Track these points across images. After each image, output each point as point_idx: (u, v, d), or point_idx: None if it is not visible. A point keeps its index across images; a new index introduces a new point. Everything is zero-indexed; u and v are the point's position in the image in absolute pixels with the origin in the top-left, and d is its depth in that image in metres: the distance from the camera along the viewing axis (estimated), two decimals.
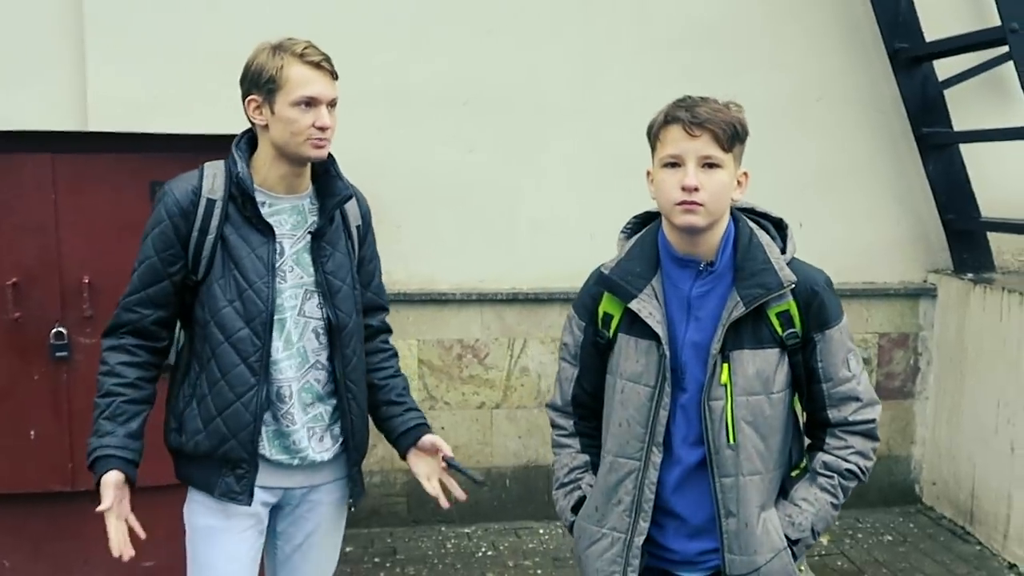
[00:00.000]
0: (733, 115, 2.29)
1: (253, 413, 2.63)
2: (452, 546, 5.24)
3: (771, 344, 2.35)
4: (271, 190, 2.68)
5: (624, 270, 2.41)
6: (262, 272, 2.62)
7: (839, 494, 2.42)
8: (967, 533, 5.38)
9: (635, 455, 2.41)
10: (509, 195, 5.38)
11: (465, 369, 5.45)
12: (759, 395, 2.34)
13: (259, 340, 2.62)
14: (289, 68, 2.57)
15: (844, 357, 2.40)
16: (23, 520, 4.36)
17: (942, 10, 5.50)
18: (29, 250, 4.16)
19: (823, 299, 2.37)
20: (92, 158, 4.18)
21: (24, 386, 4.23)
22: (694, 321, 2.36)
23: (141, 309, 2.65)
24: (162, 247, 2.62)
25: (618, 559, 2.44)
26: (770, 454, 2.38)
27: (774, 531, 2.38)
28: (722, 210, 2.31)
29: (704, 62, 5.33)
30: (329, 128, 2.64)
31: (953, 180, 5.53)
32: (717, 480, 2.35)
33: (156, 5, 4.98)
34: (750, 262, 2.33)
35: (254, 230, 2.64)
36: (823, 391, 2.40)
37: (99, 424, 2.62)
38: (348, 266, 2.78)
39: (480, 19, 5.28)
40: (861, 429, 2.43)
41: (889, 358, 5.79)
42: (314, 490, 2.83)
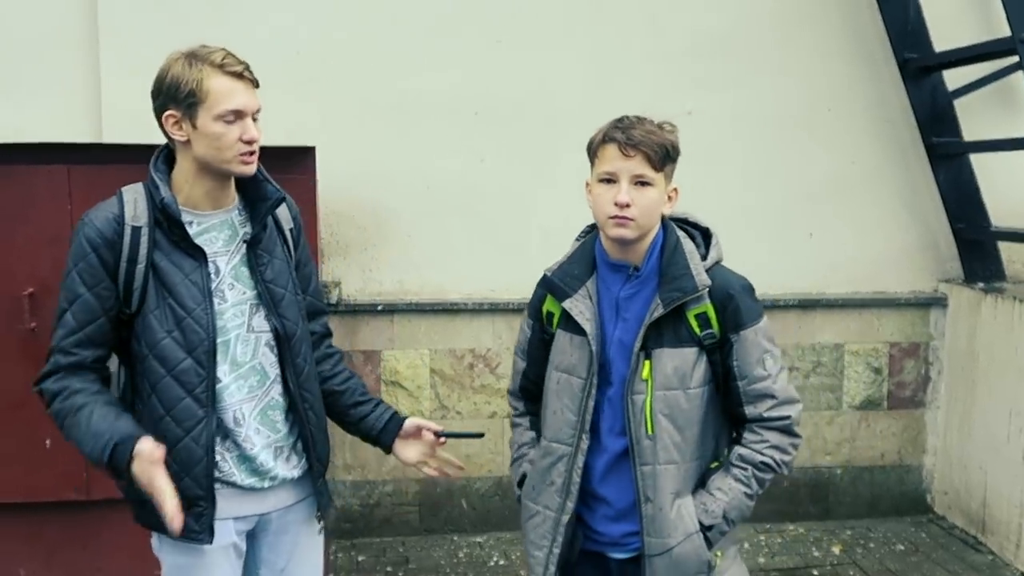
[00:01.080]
0: (666, 137, 2.49)
1: (204, 447, 2.49)
2: (464, 555, 5.25)
3: (690, 343, 2.54)
4: (196, 208, 2.53)
5: (564, 272, 2.67)
6: (199, 298, 2.48)
7: (752, 484, 2.59)
8: (979, 543, 5.37)
9: (567, 441, 2.63)
10: (520, 205, 5.39)
11: (477, 378, 5.47)
12: (676, 390, 2.53)
13: (203, 369, 2.48)
14: (209, 80, 2.40)
15: (759, 357, 2.56)
16: (38, 529, 4.39)
17: (952, 20, 5.51)
18: (45, 261, 4.19)
19: (738, 302, 2.54)
20: (107, 169, 4.20)
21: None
22: (622, 321, 2.58)
23: (80, 351, 2.47)
24: (92, 281, 2.45)
25: (547, 534, 2.68)
26: (686, 446, 2.56)
27: (687, 516, 2.56)
28: (651, 224, 2.53)
29: (714, 72, 5.35)
30: (257, 141, 2.47)
31: (963, 190, 5.53)
32: (638, 468, 2.55)
33: (169, 18, 5.02)
34: (672, 267, 2.53)
35: (185, 255, 2.49)
36: (739, 388, 2.57)
37: (93, 426, 2.39)
38: (288, 272, 2.66)
39: (490, 29, 5.31)
40: (777, 425, 2.59)
41: (900, 368, 5.78)
42: (288, 511, 2.72)
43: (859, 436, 5.79)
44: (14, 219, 4.18)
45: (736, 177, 5.49)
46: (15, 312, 4.21)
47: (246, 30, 5.03)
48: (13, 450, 4.28)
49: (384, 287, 5.36)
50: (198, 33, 4.95)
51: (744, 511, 2.61)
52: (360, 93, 5.21)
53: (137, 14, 5.01)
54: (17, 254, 4.19)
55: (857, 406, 5.76)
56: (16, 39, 4.98)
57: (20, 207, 4.18)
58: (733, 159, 5.45)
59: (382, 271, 5.35)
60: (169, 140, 2.52)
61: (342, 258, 5.31)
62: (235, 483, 2.59)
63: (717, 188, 5.41)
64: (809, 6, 5.53)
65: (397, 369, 5.38)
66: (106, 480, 4.27)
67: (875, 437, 5.81)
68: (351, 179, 5.18)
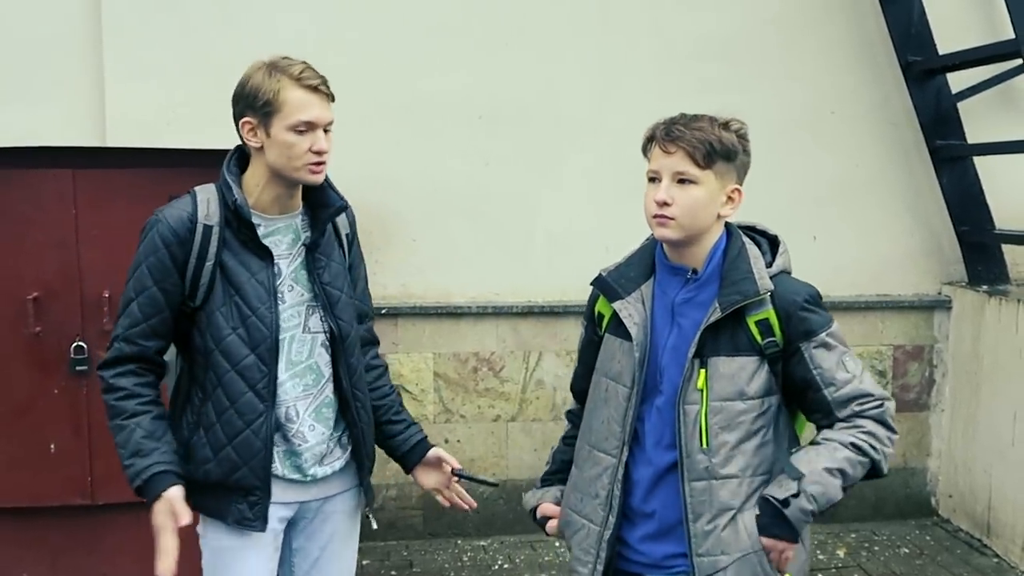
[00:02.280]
0: (715, 133, 2.35)
1: (264, 440, 2.61)
2: (468, 559, 5.25)
3: (749, 352, 2.38)
4: (264, 212, 2.64)
5: (620, 274, 2.53)
6: (264, 297, 2.59)
7: (837, 456, 2.34)
8: (984, 546, 5.36)
9: (613, 452, 2.48)
10: (525, 208, 5.40)
11: (481, 382, 5.47)
12: (734, 400, 2.37)
13: (265, 366, 2.60)
14: (286, 91, 2.51)
15: (839, 360, 2.41)
16: (42, 533, 4.39)
17: (955, 23, 5.51)
18: (50, 265, 4.21)
19: (804, 311, 2.40)
20: (112, 173, 4.23)
21: (44, 400, 4.27)
22: (676, 327, 2.43)
23: (143, 341, 2.60)
24: (160, 276, 2.56)
25: (591, 548, 2.52)
26: (746, 459, 2.38)
27: (745, 534, 2.37)
28: (698, 225, 2.38)
29: (719, 76, 5.35)
30: (326, 152, 2.59)
31: (967, 192, 5.53)
32: (687, 483, 2.38)
33: (173, 23, 5.03)
34: (734, 272, 2.40)
35: (252, 255, 2.60)
36: (826, 397, 2.40)
37: (139, 443, 2.55)
38: (344, 275, 2.76)
39: (496, 32, 5.31)
40: (872, 414, 2.40)
41: (904, 370, 5.78)
42: (328, 501, 2.82)
43: None
44: (19, 223, 4.19)
45: None
46: (20, 316, 4.22)
47: (251, 34, 5.04)
48: (18, 454, 4.29)
49: (388, 290, 5.36)
50: (204, 38, 5.01)
51: (829, 490, 2.31)
52: (366, 96, 5.21)
53: (141, 18, 5.01)
54: (23, 258, 4.20)
55: None
56: (21, 44, 4.99)
57: (25, 211, 4.19)
58: None
59: (386, 274, 5.35)
60: (244, 145, 2.63)
61: None
62: (277, 475, 2.68)
63: None
64: (813, 10, 5.53)
65: (401, 373, 5.38)
66: (111, 485, 4.31)
67: None
68: (356, 181, 5.10)
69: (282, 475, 2.68)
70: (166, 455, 2.56)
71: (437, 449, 2.96)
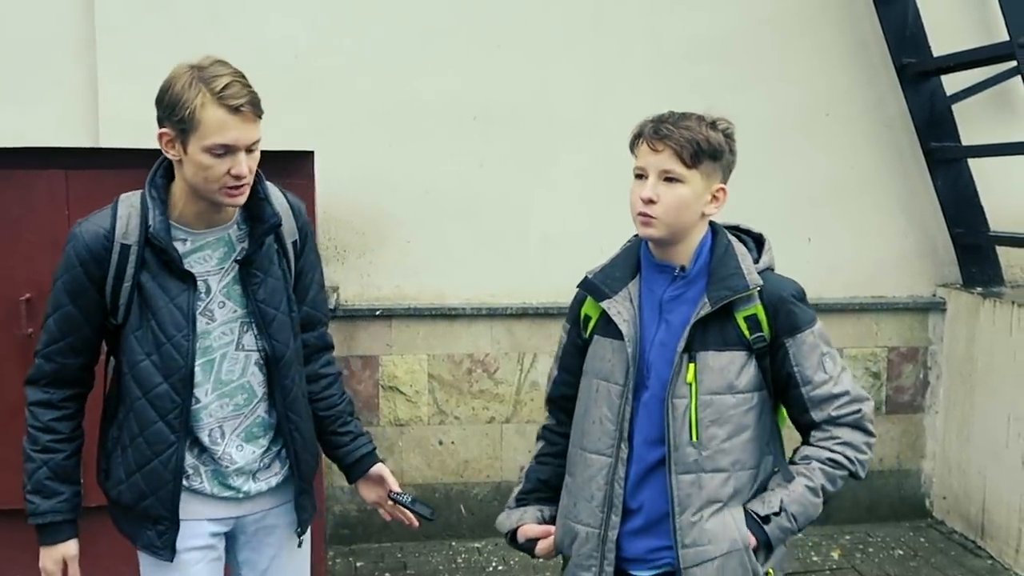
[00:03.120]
0: (702, 133, 2.36)
1: (172, 471, 2.50)
2: (463, 561, 5.24)
3: (737, 346, 2.41)
4: (190, 226, 2.49)
5: (606, 274, 2.53)
6: (181, 324, 2.45)
7: (816, 477, 2.41)
8: (978, 547, 5.37)
9: (607, 451, 2.47)
10: (519, 210, 5.39)
11: (475, 384, 5.46)
12: (723, 394, 2.39)
13: (178, 397, 2.46)
14: (204, 110, 2.30)
15: (819, 360, 2.44)
16: (32, 536, 4.36)
17: (950, 25, 5.51)
18: (42, 266, 4.17)
19: (791, 306, 2.43)
20: (104, 174, 4.20)
21: None
22: (665, 323, 2.44)
23: (61, 359, 2.51)
24: (76, 294, 2.45)
25: (594, 553, 2.50)
26: (735, 454, 2.41)
27: (734, 527, 2.38)
28: (682, 223, 2.39)
29: (713, 77, 5.35)
30: (245, 176, 2.37)
31: (961, 194, 5.54)
32: (674, 476, 2.39)
33: (166, 24, 5.02)
34: (722, 268, 2.42)
35: (172, 277, 2.45)
36: (802, 395, 2.44)
37: (43, 483, 2.54)
38: (282, 290, 2.59)
39: (490, 34, 5.31)
40: (848, 420, 2.44)
41: (898, 372, 5.78)
42: (267, 514, 2.71)
43: None
44: (12, 224, 4.18)
45: (734, 182, 5.43)
46: (12, 317, 4.20)
47: (245, 35, 5.03)
48: (11, 456, 4.22)
49: (382, 292, 5.35)
50: (196, 38, 4.99)
51: (808, 509, 2.40)
52: (359, 98, 5.21)
53: (135, 19, 5.00)
54: (15, 259, 4.19)
55: None
56: (14, 44, 4.98)
57: (18, 212, 4.18)
58: None
59: (380, 276, 5.34)
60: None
61: (340, 263, 5.30)
62: (206, 493, 2.59)
63: None
64: (807, 11, 5.53)
65: (395, 374, 5.37)
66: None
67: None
68: (350, 184, 5.17)
69: (211, 493, 2.59)
70: (66, 503, 2.54)
71: (381, 467, 2.84)
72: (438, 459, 5.48)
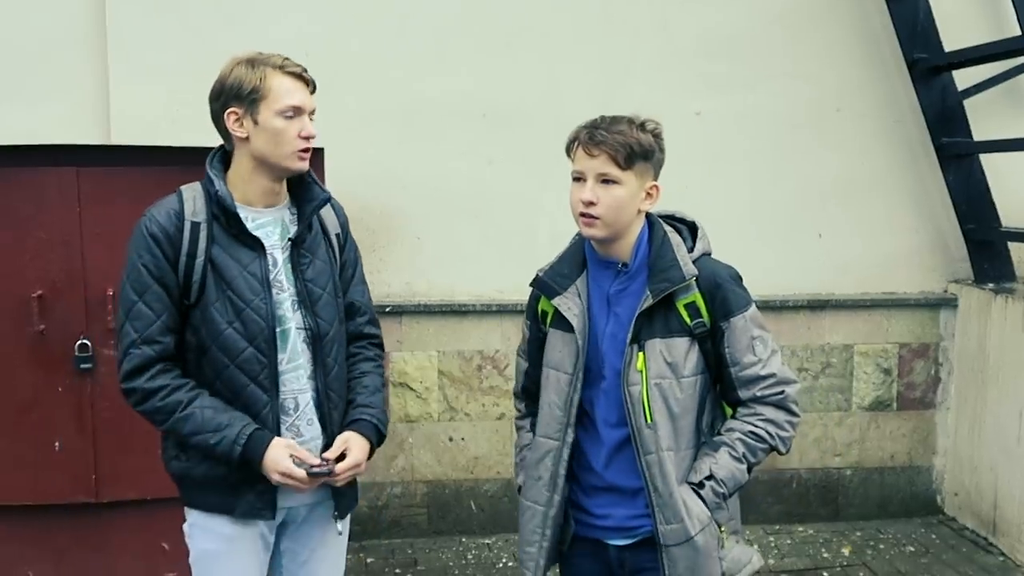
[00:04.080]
0: (633, 136, 2.52)
1: (271, 429, 2.62)
2: (473, 557, 5.25)
3: (680, 333, 2.58)
4: (251, 205, 2.66)
5: (554, 272, 2.73)
6: (257, 288, 2.60)
7: (738, 447, 2.58)
8: (990, 544, 5.35)
9: (555, 435, 2.67)
10: (528, 207, 5.39)
11: (485, 380, 5.46)
12: (670, 379, 2.56)
13: (265, 357, 2.61)
14: (271, 79, 2.57)
15: (749, 343, 2.60)
16: (47, 531, 4.40)
17: (961, 20, 5.49)
18: (54, 263, 4.21)
19: (726, 291, 2.59)
20: (116, 171, 4.23)
21: (49, 398, 4.28)
22: (613, 316, 2.62)
23: (163, 338, 2.59)
24: (158, 273, 2.57)
25: (537, 528, 2.72)
26: (681, 433, 2.59)
27: (691, 502, 2.57)
28: (621, 222, 2.56)
29: (724, 74, 5.34)
30: (314, 137, 2.64)
31: (973, 190, 5.52)
32: (642, 457, 2.57)
33: (177, 21, 5.03)
34: (660, 260, 2.58)
35: (243, 247, 2.62)
36: (731, 375, 2.62)
37: (215, 420, 2.56)
38: (328, 273, 2.75)
39: (499, 32, 5.31)
40: (772, 400, 2.62)
41: (910, 368, 5.77)
42: (313, 507, 2.81)
43: (869, 437, 5.78)
44: (24, 221, 4.19)
45: (745, 178, 5.48)
46: (24, 314, 4.22)
47: (255, 34, 5.03)
48: (23, 453, 4.29)
49: (392, 289, 5.36)
50: (207, 37, 5.01)
51: (735, 474, 2.58)
52: (369, 96, 5.21)
53: (146, 17, 5.01)
54: (27, 256, 4.20)
55: (867, 407, 5.75)
56: (26, 43, 4.99)
57: (29, 209, 4.19)
58: (742, 160, 5.45)
59: (390, 273, 5.35)
60: (227, 140, 2.66)
61: None
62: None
63: (726, 189, 5.41)
64: (818, 7, 5.52)
65: (405, 371, 5.38)
66: (115, 483, 4.32)
67: (885, 438, 5.79)
68: (360, 181, 5.18)
69: None
70: (245, 418, 2.60)
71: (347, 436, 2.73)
72: (448, 455, 5.49)
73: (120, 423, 4.25)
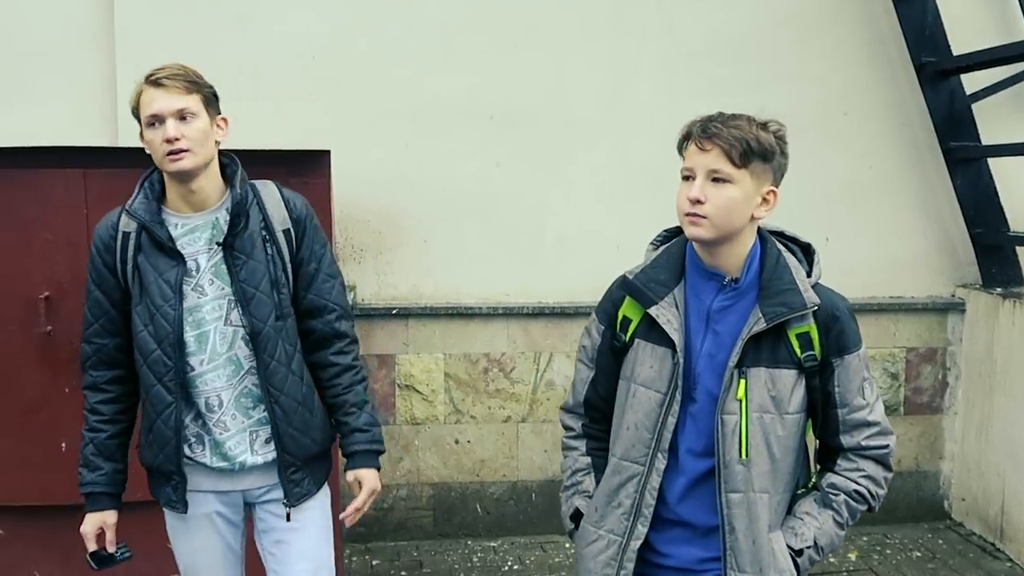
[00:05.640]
0: (752, 132, 2.28)
1: (172, 429, 2.78)
2: (478, 560, 5.24)
3: (789, 365, 2.35)
4: (179, 211, 2.77)
5: (648, 277, 2.44)
6: (168, 295, 2.72)
7: (843, 512, 2.43)
8: (997, 550, 5.34)
9: (640, 459, 2.43)
10: (535, 209, 5.39)
11: (491, 383, 5.46)
12: (772, 414, 2.35)
13: (170, 360, 2.74)
14: (142, 94, 2.69)
15: (860, 384, 2.41)
16: (53, 532, 4.39)
17: (969, 23, 5.48)
18: (61, 264, 4.21)
19: (844, 324, 2.39)
20: (123, 173, 4.19)
21: (55, 399, 4.27)
22: (712, 334, 2.38)
23: (97, 340, 2.85)
24: (99, 281, 2.81)
25: (612, 562, 2.47)
26: (780, 475, 2.39)
27: (780, 553, 2.38)
28: (731, 225, 2.30)
29: (730, 75, 5.33)
30: (178, 139, 2.64)
31: (981, 194, 5.50)
32: (724, 495, 2.36)
33: (185, 22, 5.04)
34: (776, 281, 2.35)
35: (163, 255, 2.74)
36: (838, 416, 2.41)
37: (89, 458, 2.90)
38: (263, 272, 2.79)
39: (506, 33, 5.30)
40: (874, 454, 2.44)
41: (917, 373, 5.75)
42: (271, 489, 2.92)
43: None
44: (31, 222, 4.19)
45: None
46: (32, 315, 4.22)
47: (263, 35, 5.05)
48: (29, 453, 4.29)
49: (399, 291, 5.36)
50: (214, 37, 5.01)
51: (834, 540, 2.44)
52: (376, 97, 5.21)
53: (153, 18, 5.02)
54: (34, 257, 4.20)
55: None
56: (33, 44, 5.01)
57: (36, 211, 4.19)
58: None
59: (397, 275, 5.35)
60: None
61: (357, 262, 5.31)
62: (206, 464, 2.84)
63: None
64: (825, 10, 5.51)
65: (411, 373, 5.37)
66: None
67: None
68: (366, 183, 5.18)
69: (211, 464, 2.84)
70: (105, 477, 2.89)
71: (359, 473, 2.97)
72: (454, 458, 5.48)
73: None
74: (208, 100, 2.75)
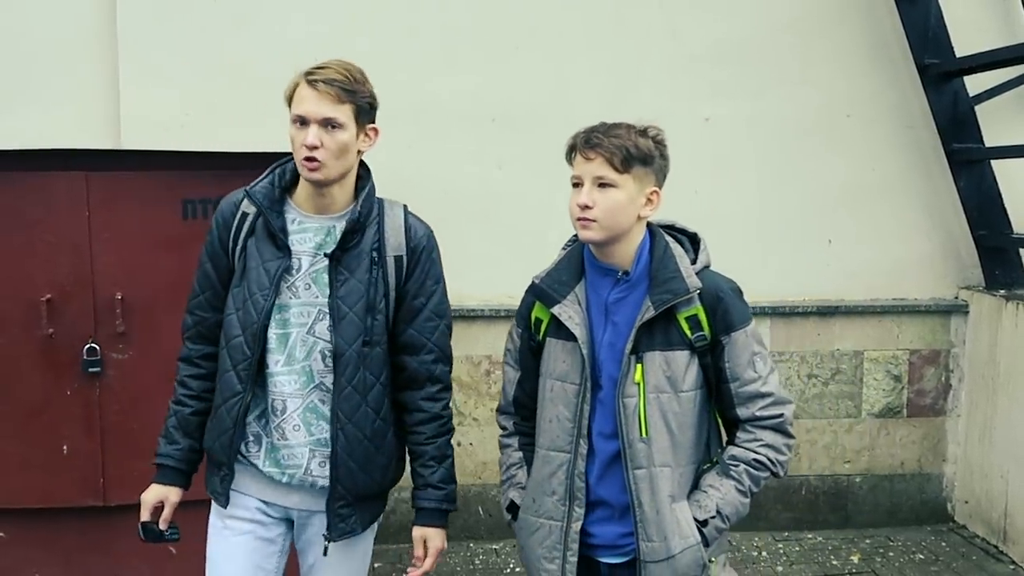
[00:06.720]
0: (631, 140, 2.51)
1: (233, 419, 2.70)
2: (480, 562, 5.24)
3: (681, 346, 2.55)
4: (301, 208, 2.73)
5: (552, 279, 2.68)
6: (264, 284, 2.66)
7: (744, 480, 2.59)
8: (1000, 552, 5.33)
9: (566, 447, 2.62)
10: (538, 211, 5.37)
11: (494, 385, 5.45)
12: (668, 393, 2.54)
13: (249, 350, 2.68)
14: (295, 88, 2.65)
15: (750, 359, 2.58)
16: (54, 534, 4.40)
17: (973, 25, 5.47)
18: (63, 267, 4.21)
19: (728, 304, 2.57)
20: (125, 176, 4.23)
21: (57, 401, 4.28)
22: (611, 325, 2.58)
23: (199, 312, 2.81)
24: (211, 253, 2.77)
25: (557, 546, 2.66)
26: (680, 449, 2.57)
27: (684, 522, 2.55)
28: (619, 225, 2.52)
29: (733, 79, 5.33)
30: (318, 148, 2.58)
31: (984, 196, 5.50)
32: (630, 471, 2.55)
33: (187, 25, 5.04)
34: (662, 271, 2.55)
35: (272, 244, 2.69)
36: (731, 390, 2.59)
37: (168, 431, 2.85)
38: (362, 293, 2.68)
39: (508, 35, 5.30)
40: (770, 424, 2.60)
41: (920, 375, 5.74)
42: (313, 516, 2.81)
43: (878, 444, 5.75)
44: (33, 225, 4.20)
45: (755, 184, 5.47)
46: (33, 318, 4.22)
47: (264, 38, 5.05)
48: (31, 456, 4.29)
49: None
50: (216, 40, 5.01)
51: (739, 508, 2.60)
52: (378, 98, 5.20)
53: (156, 21, 5.02)
54: (36, 260, 4.21)
55: (876, 414, 5.73)
56: (36, 47, 5.00)
57: (39, 213, 4.19)
58: (752, 166, 5.44)
59: None
60: None
61: None
62: (257, 467, 2.75)
63: (736, 195, 5.40)
64: (828, 12, 5.50)
65: None
66: (123, 486, 4.31)
67: (895, 445, 5.77)
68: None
69: (262, 468, 2.74)
70: (179, 452, 2.83)
71: (422, 531, 2.84)
72: (456, 460, 5.39)
73: (128, 427, 4.26)
74: (360, 110, 2.73)
